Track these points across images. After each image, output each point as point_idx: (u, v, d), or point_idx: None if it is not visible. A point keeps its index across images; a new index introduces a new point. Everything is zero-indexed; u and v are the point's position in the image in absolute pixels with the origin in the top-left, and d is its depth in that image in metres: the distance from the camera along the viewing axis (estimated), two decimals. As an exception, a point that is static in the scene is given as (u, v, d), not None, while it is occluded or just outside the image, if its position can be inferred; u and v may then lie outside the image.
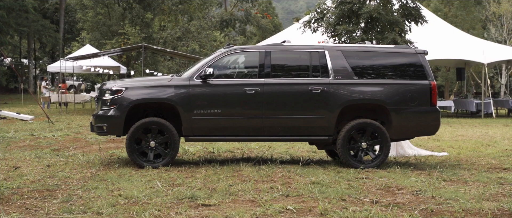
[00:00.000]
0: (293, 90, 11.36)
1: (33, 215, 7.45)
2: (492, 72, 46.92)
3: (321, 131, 11.41)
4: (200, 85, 11.27)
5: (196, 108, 11.19)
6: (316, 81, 11.38)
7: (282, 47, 11.80)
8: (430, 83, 11.49)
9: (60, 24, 48.08)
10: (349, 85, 11.39)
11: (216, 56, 11.60)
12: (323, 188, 9.01)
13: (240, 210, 7.53)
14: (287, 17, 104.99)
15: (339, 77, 11.40)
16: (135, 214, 7.38)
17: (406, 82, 11.51)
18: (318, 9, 26.07)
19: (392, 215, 7.36)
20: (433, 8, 49.18)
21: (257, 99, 11.24)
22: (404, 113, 11.40)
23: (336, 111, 11.30)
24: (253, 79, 11.40)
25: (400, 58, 11.73)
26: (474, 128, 22.66)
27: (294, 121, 11.36)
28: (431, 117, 11.54)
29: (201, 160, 12.12)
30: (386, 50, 11.94)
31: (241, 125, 11.33)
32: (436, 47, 31.00)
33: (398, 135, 11.63)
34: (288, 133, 11.45)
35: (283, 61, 11.69)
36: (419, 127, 11.64)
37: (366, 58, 11.71)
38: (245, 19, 57.52)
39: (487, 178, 10.23)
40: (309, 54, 11.58)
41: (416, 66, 11.61)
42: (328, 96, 11.30)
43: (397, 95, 11.39)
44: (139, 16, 40.49)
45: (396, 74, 11.60)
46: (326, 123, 11.33)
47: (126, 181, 9.68)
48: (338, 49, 11.67)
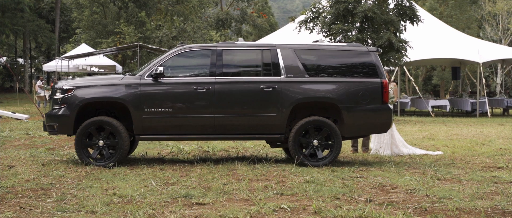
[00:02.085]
0: (245, 88, 11.40)
1: (27, 214, 7.45)
2: (488, 72, 46.99)
3: (273, 129, 11.41)
4: (151, 84, 11.30)
5: (146, 107, 11.22)
6: (267, 80, 11.41)
7: (234, 46, 11.82)
8: (381, 81, 11.50)
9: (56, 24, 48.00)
10: (301, 83, 11.42)
11: (168, 55, 11.64)
12: (318, 187, 9.03)
13: (234, 209, 7.54)
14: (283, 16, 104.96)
15: (291, 75, 11.42)
16: (129, 213, 7.38)
17: (358, 80, 11.53)
18: (314, 8, 26.08)
19: (386, 214, 7.38)
20: (428, 8, 49.26)
21: (208, 97, 11.28)
22: (355, 111, 11.42)
23: (287, 110, 11.32)
24: (204, 78, 11.43)
25: (352, 57, 11.75)
26: (469, 127, 22.70)
27: (246, 119, 11.37)
28: (382, 115, 11.57)
29: (196, 159, 12.13)
30: (338, 49, 11.97)
31: (192, 123, 11.35)
32: (431, 47, 31.08)
33: (350, 133, 11.64)
34: (240, 131, 11.45)
35: (235, 60, 11.74)
36: (371, 125, 11.67)
37: (318, 57, 11.76)
38: (241, 18, 57.51)
39: (481, 177, 10.25)
40: (261, 52, 11.62)
41: (368, 64, 11.62)
42: (280, 94, 11.32)
43: (349, 93, 11.42)
44: (134, 15, 40.46)
45: (348, 72, 11.64)
46: (277, 121, 11.34)
47: (120, 180, 9.69)
48: (290, 48, 11.68)
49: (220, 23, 54.41)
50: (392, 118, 11.83)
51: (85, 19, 42.35)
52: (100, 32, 41.11)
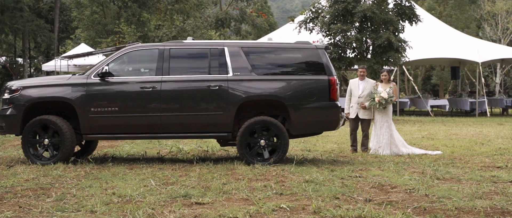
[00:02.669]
0: (191, 87, 11.45)
1: (27, 213, 7.45)
2: (487, 71, 47.00)
3: (220, 128, 11.43)
4: (97, 83, 11.38)
5: (93, 106, 11.29)
6: (214, 78, 11.43)
7: (182, 44, 11.88)
8: (329, 79, 11.46)
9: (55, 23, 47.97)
10: (247, 81, 11.43)
11: (116, 54, 11.73)
12: (317, 187, 9.03)
13: (233, 209, 7.54)
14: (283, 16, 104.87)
15: (238, 73, 11.44)
16: (129, 212, 7.38)
17: (305, 78, 11.52)
18: (313, 8, 26.08)
19: (385, 213, 7.38)
20: (427, 7, 49.25)
21: (155, 96, 11.32)
22: (302, 109, 11.40)
23: (234, 108, 11.34)
24: (151, 77, 11.48)
25: (300, 54, 11.77)
26: (468, 126, 22.71)
27: (192, 118, 11.40)
28: (330, 113, 11.54)
29: (195, 159, 12.13)
30: (286, 46, 11.99)
31: (139, 122, 11.39)
32: (430, 46, 31.07)
33: (298, 131, 11.62)
34: (187, 130, 11.49)
35: (182, 58, 11.75)
36: (319, 123, 11.64)
37: (266, 54, 11.79)
38: (240, 18, 57.45)
39: (481, 176, 10.25)
40: (209, 50, 11.66)
41: (315, 61, 11.60)
42: (226, 92, 11.34)
43: (295, 91, 11.41)
44: (135, 15, 40.44)
45: (295, 70, 11.66)
46: (224, 119, 11.36)
47: (120, 179, 9.69)
48: (237, 46, 11.72)
49: (220, 22, 54.38)
50: (341, 115, 11.72)
51: (85, 18, 42.32)
52: (99, 31, 41.09)
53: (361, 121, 13.91)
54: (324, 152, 13.86)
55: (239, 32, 62.68)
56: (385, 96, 13.34)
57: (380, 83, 13.78)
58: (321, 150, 14.25)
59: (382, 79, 13.82)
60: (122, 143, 15.38)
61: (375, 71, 23.48)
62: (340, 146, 15.16)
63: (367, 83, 13.85)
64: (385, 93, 13.36)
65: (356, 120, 13.89)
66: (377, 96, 13.37)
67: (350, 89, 14.00)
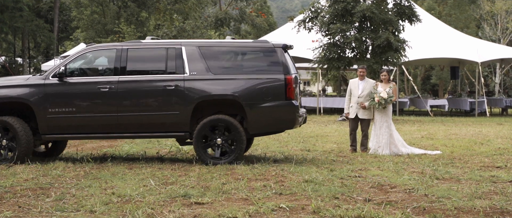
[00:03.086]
0: (148, 87, 11.49)
1: (26, 213, 7.46)
2: (486, 71, 46.98)
3: (177, 128, 11.46)
4: (55, 84, 11.47)
5: (51, 107, 11.37)
6: (170, 78, 11.47)
7: (140, 44, 11.93)
8: (285, 78, 11.40)
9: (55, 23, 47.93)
10: (204, 81, 11.44)
11: (75, 55, 11.84)
12: (316, 187, 9.03)
13: (233, 208, 7.54)
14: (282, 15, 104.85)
15: (194, 73, 11.45)
16: (128, 212, 7.39)
17: (260, 77, 11.49)
18: (312, 8, 26.07)
19: (385, 213, 7.39)
20: (427, 7, 49.21)
21: (112, 96, 11.39)
22: (258, 108, 11.37)
23: (190, 107, 11.36)
24: (108, 77, 11.54)
25: (257, 53, 11.74)
26: (467, 126, 22.71)
27: (149, 118, 11.44)
28: (286, 111, 11.45)
29: (195, 159, 12.13)
30: (243, 45, 12.01)
31: (96, 122, 11.46)
32: (430, 46, 31.06)
33: (255, 130, 11.59)
34: (144, 129, 11.54)
35: (140, 58, 11.80)
36: (275, 122, 11.59)
37: (223, 54, 11.78)
38: (240, 18, 57.44)
39: (480, 176, 10.25)
40: (166, 50, 11.66)
41: (272, 60, 11.57)
42: (182, 92, 11.37)
43: (251, 90, 11.39)
44: (134, 15, 40.45)
45: (252, 69, 11.63)
46: (181, 119, 11.39)
47: (119, 179, 9.69)
48: (195, 45, 11.73)
49: (219, 22, 54.39)
50: (297, 114, 11.57)
51: (85, 18, 42.32)
52: (99, 31, 41.10)
53: (361, 121, 13.91)
54: (323, 152, 13.86)
55: (238, 32, 62.68)
56: (385, 96, 13.33)
57: (380, 83, 13.78)
58: (321, 150, 14.25)
59: (382, 79, 13.81)
60: (122, 142, 15.39)
61: (375, 71, 23.48)
62: (339, 146, 15.16)
63: (367, 83, 13.84)
64: (384, 93, 13.36)
65: (355, 120, 13.89)
66: (376, 96, 13.37)
67: (350, 89, 13.99)
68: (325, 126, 22.27)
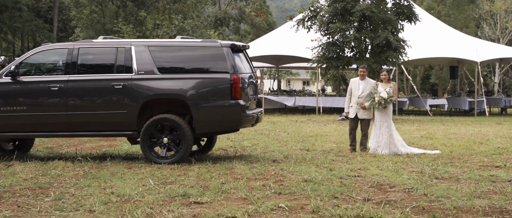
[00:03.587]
0: (97, 86, 11.61)
1: (25, 213, 7.46)
2: (486, 71, 46.97)
3: (125, 127, 11.58)
4: (7, 83, 11.65)
5: (2, 105, 11.57)
6: (118, 77, 11.57)
7: (90, 44, 12.12)
8: (231, 77, 11.41)
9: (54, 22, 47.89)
10: (151, 80, 11.52)
11: (28, 54, 12.02)
12: (315, 186, 9.03)
13: (232, 208, 7.55)
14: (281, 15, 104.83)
15: (142, 72, 11.53)
16: (127, 211, 7.39)
17: (207, 76, 11.54)
18: (312, 7, 26.06)
19: (384, 213, 7.39)
20: (426, 7, 49.19)
21: (62, 95, 11.55)
22: (204, 108, 11.40)
23: (136, 107, 11.44)
24: (59, 76, 11.71)
25: (204, 53, 11.73)
26: (467, 126, 22.71)
27: (98, 116, 11.57)
28: (231, 111, 11.45)
29: (194, 158, 12.13)
30: (191, 45, 12.00)
31: (46, 121, 11.63)
32: (429, 46, 31.06)
33: (201, 129, 11.60)
34: (93, 128, 11.69)
35: (90, 58, 11.94)
36: (221, 121, 11.61)
37: (171, 53, 11.86)
38: (239, 17, 57.40)
39: (479, 176, 10.26)
40: (116, 50, 11.76)
41: (219, 60, 11.57)
42: (129, 91, 11.46)
43: (197, 89, 11.43)
44: (133, 14, 40.41)
45: (199, 68, 11.67)
46: (128, 118, 11.48)
47: (118, 179, 9.70)
48: (144, 45, 11.82)
49: (218, 22, 54.37)
50: (244, 114, 11.52)
51: (84, 18, 42.27)
52: (98, 31, 41.05)
53: (361, 121, 13.90)
54: (322, 151, 13.85)
55: (238, 32, 62.65)
56: (385, 96, 13.32)
57: (380, 83, 13.77)
58: (320, 149, 14.24)
59: (382, 79, 13.80)
60: (121, 142, 15.38)
61: (374, 70, 23.46)
62: (338, 145, 15.16)
63: (367, 83, 13.82)
64: (384, 93, 13.35)
65: (355, 119, 13.87)
66: (377, 96, 13.36)
67: (350, 88, 13.97)
68: (324, 126, 22.28)
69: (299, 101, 32.49)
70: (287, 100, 32.39)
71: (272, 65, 40.18)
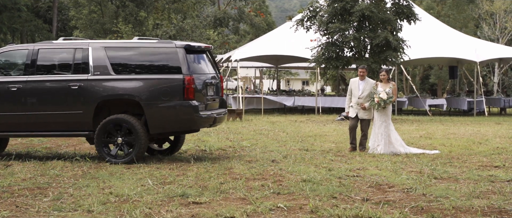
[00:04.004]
0: (54, 87, 11.76)
1: (24, 213, 7.45)
2: (485, 71, 46.97)
3: (81, 127, 11.70)
4: None
5: None
6: (74, 78, 11.69)
7: (50, 45, 12.25)
8: (183, 78, 11.42)
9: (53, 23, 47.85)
10: (106, 81, 11.62)
11: None
12: (314, 186, 9.03)
13: (231, 208, 7.54)
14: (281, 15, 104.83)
15: (98, 73, 11.64)
16: (126, 212, 7.38)
17: (160, 77, 11.58)
18: (311, 7, 26.05)
19: (383, 213, 7.38)
20: (425, 6, 49.18)
21: (20, 96, 11.69)
22: (157, 108, 11.45)
23: (92, 107, 11.54)
24: (18, 77, 11.85)
25: (159, 53, 11.81)
26: (466, 126, 22.71)
27: (55, 117, 11.70)
28: (184, 112, 11.48)
29: (193, 158, 12.12)
30: (146, 46, 12.05)
31: (5, 121, 11.75)
32: (428, 46, 31.05)
33: (155, 130, 11.64)
34: (51, 128, 11.82)
35: (49, 59, 12.05)
36: (174, 122, 11.66)
37: (127, 54, 11.96)
38: (239, 17, 57.37)
39: (478, 176, 10.25)
40: (74, 51, 11.89)
41: (172, 60, 11.63)
42: (85, 92, 11.57)
43: (150, 90, 11.48)
44: (132, 14, 40.39)
45: (153, 69, 11.74)
46: (84, 118, 11.60)
47: (117, 179, 9.69)
48: (101, 46, 11.94)
49: (218, 22, 54.34)
50: (197, 115, 11.49)
51: (83, 17, 42.24)
52: (97, 31, 41.02)
53: (361, 121, 13.88)
54: (321, 151, 13.84)
55: (237, 32, 62.64)
56: (384, 96, 13.31)
57: (379, 83, 13.76)
58: (319, 149, 14.23)
59: (381, 79, 13.79)
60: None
61: (373, 70, 23.46)
62: (337, 145, 15.15)
63: (367, 84, 13.81)
64: (384, 93, 13.33)
65: (356, 118, 13.86)
66: (376, 96, 13.35)
67: (351, 88, 13.96)
68: (324, 126, 22.27)
69: (298, 101, 32.49)
70: (286, 100, 32.38)
71: (272, 65, 40.21)
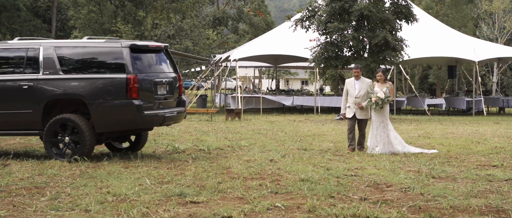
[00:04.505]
0: (5, 86, 11.84)
1: (21, 212, 7.45)
2: (484, 70, 46.96)
3: (31, 126, 11.83)
4: None
5: None
6: (25, 77, 11.78)
7: (5, 45, 12.37)
8: (127, 77, 11.48)
9: (52, 23, 47.82)
10: (54, 80, 11.72)
11: None
12: (312, 185, 9.02)
13: (228, 207, 7.54)
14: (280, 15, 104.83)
15: (47, 72, 11.74)
16: (123, 211, 7.38)
17: (104, 76, 11.65)
18: (310, 7, 26.05)
19: (380, 212, 7.38)
20: (424, 6, 49.18)
21: None
22: (101, 107, 11.52)
23: (40, 106, 11.65)
24: None
25: (106, 53, 11.89)
26: (464, 125, 22.71)
27: (5, 116, 11.79)
28: (126, 111, 11.54)
29: (191, 158, 12.12)
30: (93, 45, 12.13)
31: None
32: (427, 45, 31.07)
33: (100, 129, 11.73)
34: (3, 128, 11.94)
35: (3, 58, 12.22)
36: (117, 121, 11.74)
37: (75, 53, 12.03)
38: (238, 17, 57.38)
39: (476, 175, 10.25)
40: (26, 50, 11.99)
41: (118, 60, 11.70)
42: (35, 91, 11.68)
43: (95, 89, 11.55)
44: (131, 14, 40.38)
45: (98, 68, 11.84)
46: (33, 118, 11.72)
47: (115, 178, 9.68)
48: (51, 45, 12.04)
49: (217, 21, 54.33)
50: (140, 114, 11.54)
51: (82, 17, 42.23)
52: (96, 30, 41.00)
53: (358, 121, 13.87)
54: (320, 151, 13.84)
55: (236, 31, 62.64)
56: (382, 96, 13.31)
57: (376, 83, 13.75)
58: (317, 149, 14.23)
59: (378, 79, 13.78)
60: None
61: (372, 70, 23.46)
62: (336, 145, 15.15)
63: (363, 83, 13.81)
64: (381, 93, 13.33)
65: (353, 119, 13.84)
66: (374, 96, 13.34)
67: (346, 89, 13.95)
68: (322, 125, 22.27)
69: (297, 100, 32.50)
70: (285, 100, 32.39)
71: (271, 64, 40.20)
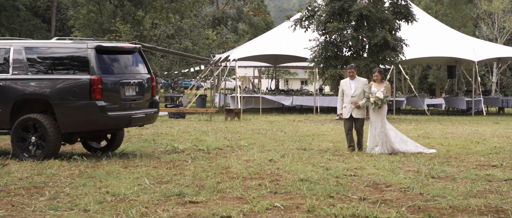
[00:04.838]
0: None
1: (20, 212, 7.44)
2: (483, 70, 46.97)
3: (0, 125, 11.89)
4: None
5: None
6: None
7: None
8: (90, 78, 11.52)
9: (52, 22, 47.79)
10: (22, 80, 11.81)
11: None
12: (311, 185, 9.02)
13: (227, 207, 7.53)
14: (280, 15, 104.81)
15: (16, 72, 11.82)
16: (122, 211, 7.37)
17: (69, 77, 11.73)
18: (309, 7, 26.04)
19: (379, 212, 7.37)
20: (423, 6, 49.16)
21: None
22: (65, 108, 11.59)
23: (8, 106, 11.75)
24: None
25: (72, 54, 11.93)
26: (464, 125, 22.71)
27: None
28: (89, 112, 11.60)
29: (190, 158, 12.11)
30: (61, 46, 12.18)
31: None
32: (427, 45, 31.07)
33: (65, 129, 11.79)
34: None
35: None
36: (80, 122, 11.79)
37: (43, 54, 12.08)
38: (237, 17, 57.38)
39: (475, 175, 10.25)
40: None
41: (83, 60, 11.74)
42: (4, 91, 11.79)
43: (60, 90, 11.63)
44: (130, 14, 40.37)
45: (65, 69, 11.90)
46: (2, 117, 11.81)
47: (114, 178, 9.67)
48: (22, 46, 12.09)
49: (216, 21, 54.33)
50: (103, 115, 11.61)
51: (82, 17, 42.21)
52: (96, 30, 41.00)
53: (355, 121, 13.85)
54: (319, 150, 13.83)
55: (236, 31, 62.63)
56: (381, 96, 13.29)
57: (373, 83, 13.73)
58: (317, 148, 14.23)
59: (375, 79, 13.75)
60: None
61: (371, 70, 23.43)
62: (335, 145, 15.14)
63: (358, 82, 13.80)
64: (380, 93, 13.32)
65: (350, 119, 13.82)
66: (372, 96, 13.33)
67: (342, 89, 13.92)
68: (322, 125, 22.27)
69: (297, 100, 32.48)
70: (284, 100, 32.37)
71: (270, 64, 40.19)
